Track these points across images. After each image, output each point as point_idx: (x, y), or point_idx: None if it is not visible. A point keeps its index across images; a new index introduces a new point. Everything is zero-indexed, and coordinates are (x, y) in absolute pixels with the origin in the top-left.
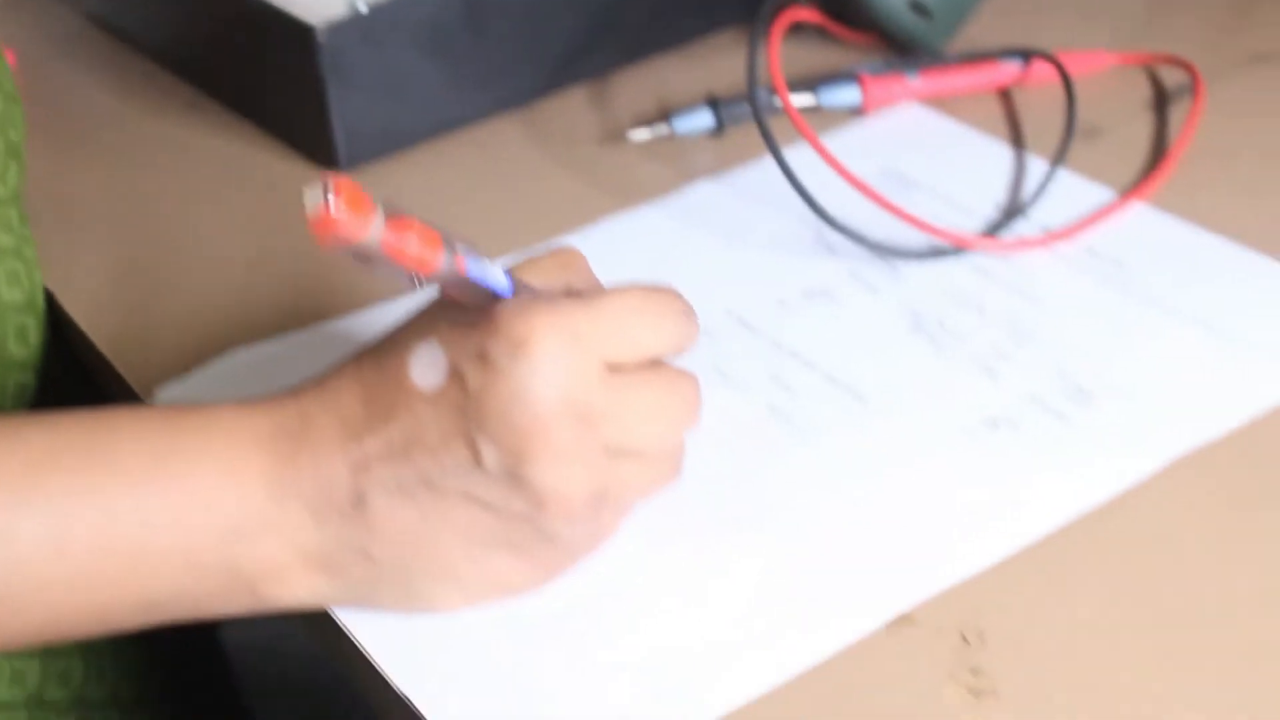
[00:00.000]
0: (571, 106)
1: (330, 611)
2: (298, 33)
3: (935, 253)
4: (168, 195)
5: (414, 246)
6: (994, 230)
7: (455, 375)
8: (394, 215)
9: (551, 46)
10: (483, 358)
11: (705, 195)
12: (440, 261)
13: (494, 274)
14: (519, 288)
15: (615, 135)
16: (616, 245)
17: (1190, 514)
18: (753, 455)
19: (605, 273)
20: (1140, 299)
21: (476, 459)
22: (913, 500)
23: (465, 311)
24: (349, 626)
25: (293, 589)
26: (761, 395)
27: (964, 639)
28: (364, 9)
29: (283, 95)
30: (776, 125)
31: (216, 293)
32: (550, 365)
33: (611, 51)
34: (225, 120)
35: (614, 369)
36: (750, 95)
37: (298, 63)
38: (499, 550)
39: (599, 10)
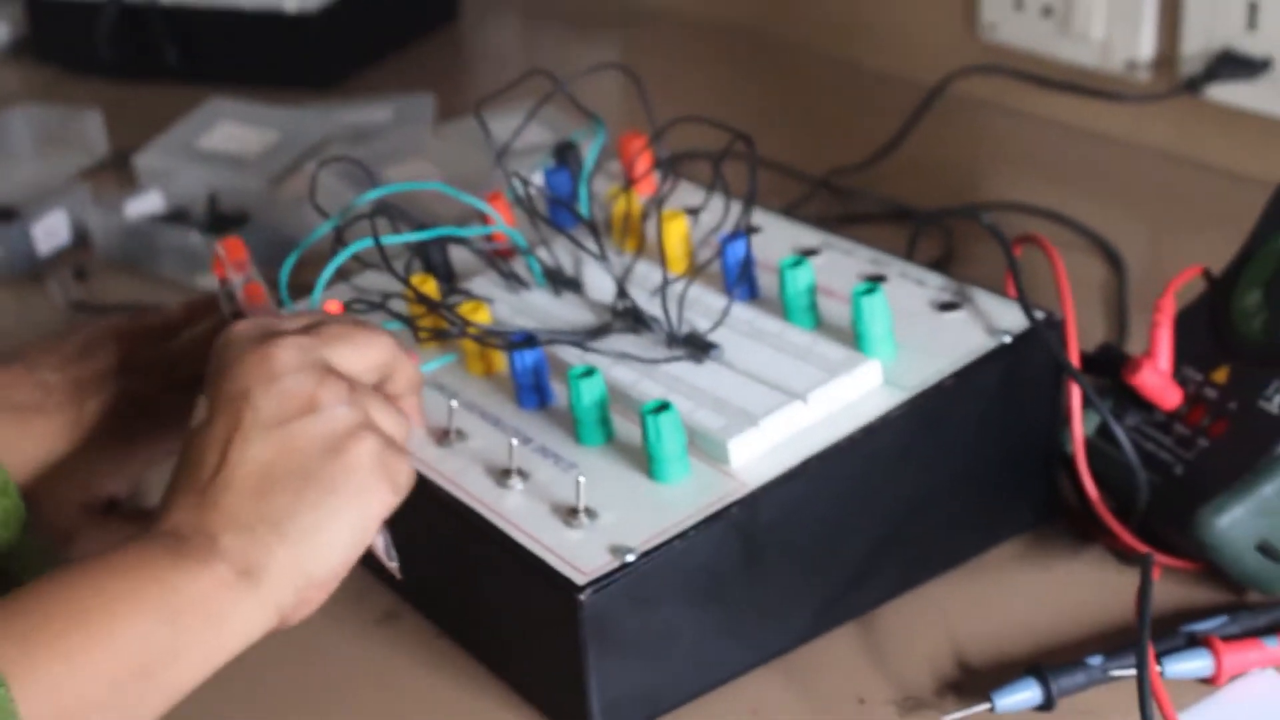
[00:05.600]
0: (838, 651)
1: None
2: (559, 586)
3: None
4: None
5: None
6: None
7: None
8: None
9: (828, 580)
10: None
11: None
12: None
13: None
14: None
15: (904, 696)
16: None
17: None
18: None
19: None
20: None
21: None
22: None
23: None
24: None
25: None
26: None
27: None
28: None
29: (527, 649)
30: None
31: None
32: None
33: (885, 580)
34: (435, 645)
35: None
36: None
37: (552, 619)
38: None
39: (883, 530)
